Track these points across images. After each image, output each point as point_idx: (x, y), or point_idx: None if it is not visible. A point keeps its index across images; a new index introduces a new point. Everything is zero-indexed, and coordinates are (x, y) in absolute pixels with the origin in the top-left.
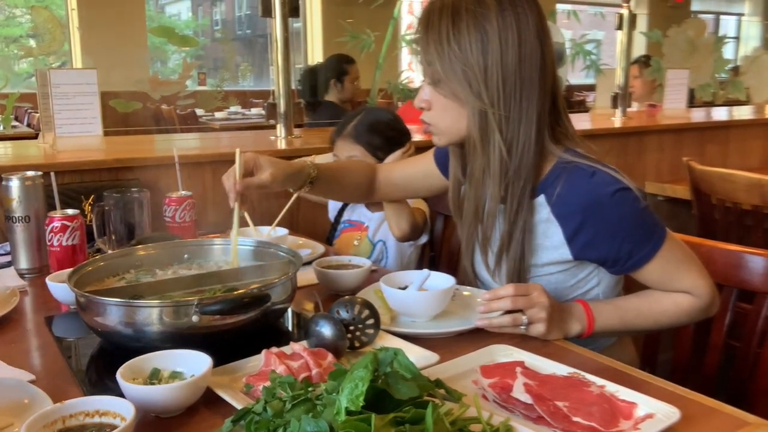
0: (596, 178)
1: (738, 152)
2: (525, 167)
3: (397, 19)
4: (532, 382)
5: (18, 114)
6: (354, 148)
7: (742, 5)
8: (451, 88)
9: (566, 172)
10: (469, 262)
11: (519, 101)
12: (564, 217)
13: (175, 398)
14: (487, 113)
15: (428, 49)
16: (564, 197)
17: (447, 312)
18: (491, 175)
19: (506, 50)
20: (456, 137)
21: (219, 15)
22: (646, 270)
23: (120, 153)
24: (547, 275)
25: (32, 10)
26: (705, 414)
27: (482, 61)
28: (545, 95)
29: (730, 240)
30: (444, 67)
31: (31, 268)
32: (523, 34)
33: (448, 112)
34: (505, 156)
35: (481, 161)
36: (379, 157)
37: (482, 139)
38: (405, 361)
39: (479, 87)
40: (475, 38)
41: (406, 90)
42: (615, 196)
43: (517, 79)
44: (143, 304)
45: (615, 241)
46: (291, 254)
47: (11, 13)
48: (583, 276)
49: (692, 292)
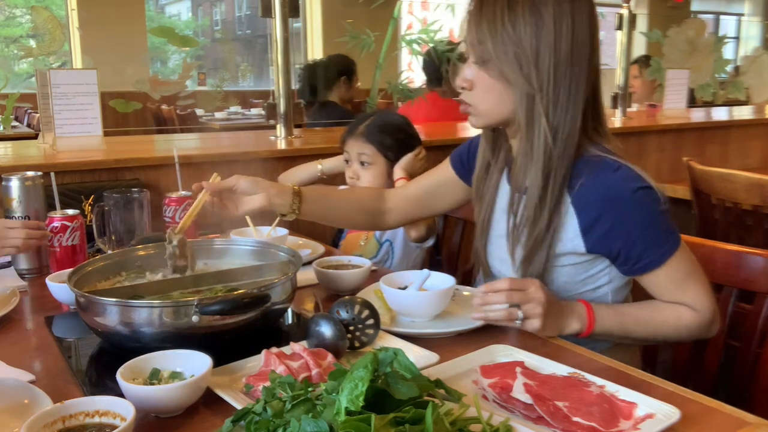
0: (620, 173)
1: (738, 152)
2: (567, 156)
3: (397, 19)
4: (532, 382)
5: (18, 114)
6: (365, 146)
7: (742, 5)
8: (500, 68)
9: (591, 165)
10: (482, 244)
11: (567, 89)
12: (582, 208)
13: (175, 398)
14: (535, 97)
15: (481, 28)
16: (586, 189)
17: (447, 312)
18: (534, 160)
19: (560, 37)
20: (495, 119)
21: (219, 15)
22: (653, 275)
23: (120, 153)
24: (559, 267)
25: (32, 10)
26: (705, 414)
27: (535, 45)
28: (589, 87)
29: (730, 240)
30: (496, 47)
31: (31, 268)
32: (576, 24)
33: (492, 93)
34: (550, 142)
35: (525, 146)
36: (390, 158)
37: (528, 124)
38: (405, 361)
39: (529, 70)
40: (530, 21)
41: (406, 90)
42: (636, 194)
43: (567, 66)
44: (143, 304)
45: (629, 238)
46: (291, 254)
47: (11, 13)
48: (594, 272)
49: (694, 306)
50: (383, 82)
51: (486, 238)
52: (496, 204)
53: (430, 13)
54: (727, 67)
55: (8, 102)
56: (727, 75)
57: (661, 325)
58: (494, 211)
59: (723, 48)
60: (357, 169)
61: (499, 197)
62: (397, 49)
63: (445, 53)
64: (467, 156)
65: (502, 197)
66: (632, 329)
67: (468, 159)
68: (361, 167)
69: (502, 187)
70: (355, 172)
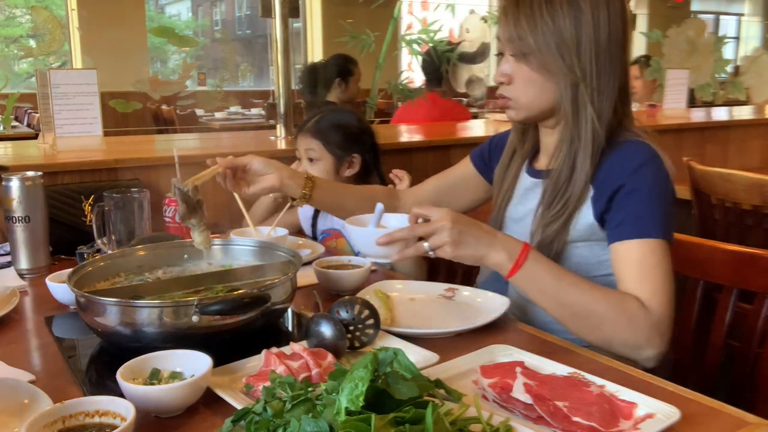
0: (640, 148)
1: (738, 152)
2: (605, 140)
3: (397, 19)
4: (532, 382)
5: (18, 114)
6: (311, 142)
7: (742, 5)
8: (542, 61)
9: (616, 145)
10: (497, 227)
11: (608, 76)
12: (599, 183)
13: (175, 398)
14: (579, 86)
15: (519, 23)
16: (605, 165)
17: (447, 312)
18: (583, 146)
19: (598, 27)
20: (535, 111)
21: (219, 15)
22: (624, 246)
23: (120, 153)
24: (573, 248)
25: (32, 10)
26: (705, 414)
27: (575, 35)
28: (623, 75)
29: (730, 240)
30: (537, 40)
31: (31, 268)
32: (612, 14)
33: (532, 85)
34: (598, 127)
35: (571, 133)
36: (337, 155)
37: (574, 112)
38: (405, 361)
39: (572, 60)
40: (569, 13)
41: (406, 90)
42: (645, 168)
43: (606, 55)
44: (143, 304)
45: (621, 203)
46: (291, 254)
47: (11, 13)
48: (605, 258)
49: (647, 302)
50: (383, 82)
51: (501, 221)
52: (515, 190)
53: (430, 13)
54: (727, 67)
55: (8, 102)
56: (727, 75)
57: (600, 299)
58: (513, 196)
59: (723, 48)
60: (306, 165)
61: (519, 184)
62: (397, 49)
63: (445, 53)
64: (488, 152)
65: (521, 184)
66: (566, 290)
67: (489, 155)
68: (310, 164)
69: (522, 175)
70: (304, 168)
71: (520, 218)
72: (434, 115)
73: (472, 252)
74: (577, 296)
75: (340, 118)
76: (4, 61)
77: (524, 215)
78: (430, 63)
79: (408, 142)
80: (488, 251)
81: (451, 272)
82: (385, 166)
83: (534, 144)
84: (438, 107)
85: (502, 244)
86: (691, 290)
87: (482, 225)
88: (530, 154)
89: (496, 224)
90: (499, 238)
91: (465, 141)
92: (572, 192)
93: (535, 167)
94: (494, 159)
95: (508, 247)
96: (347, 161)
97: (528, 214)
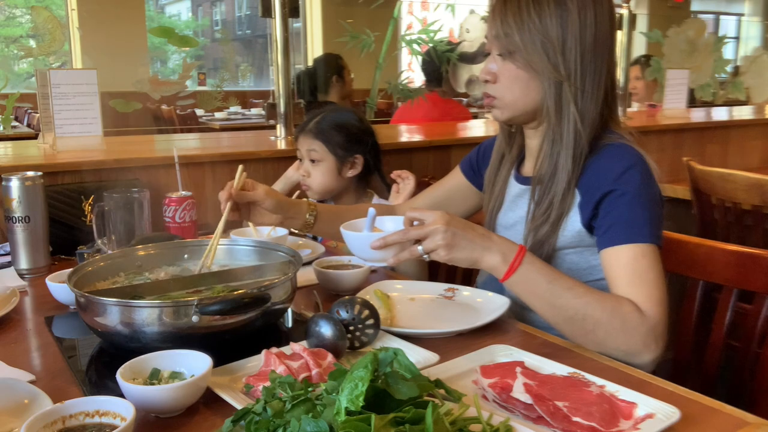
0: (624, 152)
1: (738, 152)
2: (589, 142)
3: (397, 19)
4: (532, 382)
5: (18, 114)
6: (313, 143)
7: (742, 5)
8: (528, 59)
9: (601, 148)
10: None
11: (593, 77)
12: (586, 188)
13: (175, 398)
14: (563, 85)
15: (506, 20)
16: (590, 169)
17: (447, 312)
18: (564, 146)
19: (584, 27)
20: (520, 110)
21: (219, 15)
22: (615, 252)
23: (120, 153)
24: (563, 254)
25: (32, 10)
26: (705, 414)
27: (561, 35)
28: (609, 77)
29: (730, 240)
30: (523, 38)
31: (31, 268)
32: (598, 16)
33: (517, 84)
34: (580, 127)
35: (554, 132)
36: (339, 156)
37: (557, 111)
38: (405, 361)
39: (557, 59)
40: (556, 13)
41: (406, 90)
42: (630, 171)
43: (592, 55)
44: (143, 304)
45: (608, 208)
46: (291, 254)
47: (11, 13)
48: (596, 264)
49: (642, 306)
50: (383, 82)
51: (493, 228)
52: (505, 196)
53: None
54: (727, 67)
55: (8, 102)
56: (727, 75)
57: (595, 302)
58: (503, 202)
59: (723, 48)
60: (307, 166)
61: (508, 190)
62: (397, 49)
63: (445, 53)
64: (476, 160)
65: (510, 191)
66: (561, 294)
67: (478, 163)
68: (311, 164)
69: (511, 182)
70: (306, 169)
71: (511, 225)
72: (434, 115)
73: (466, 255)
74: (572, 300)
75: (341, 119)
76: (4, 61)
77: (515, 222)
78: (430, 63)
79: (408, 142)
80: (483, 254)
81: (452, 272)
82: (386, 167)
83: (521, 148)
84: (438, 107)
85: (498, 247)
86: (691, 290)
87: (477, 227)
88: (518, 160)
89: (489, 227)
90: (494, 240)
91: (465, 141)
92: (555, 191)
93: (522, 174)
94: (483, 166)
95: (504, 249)
96: (349, 162)
97: (519, 221)
